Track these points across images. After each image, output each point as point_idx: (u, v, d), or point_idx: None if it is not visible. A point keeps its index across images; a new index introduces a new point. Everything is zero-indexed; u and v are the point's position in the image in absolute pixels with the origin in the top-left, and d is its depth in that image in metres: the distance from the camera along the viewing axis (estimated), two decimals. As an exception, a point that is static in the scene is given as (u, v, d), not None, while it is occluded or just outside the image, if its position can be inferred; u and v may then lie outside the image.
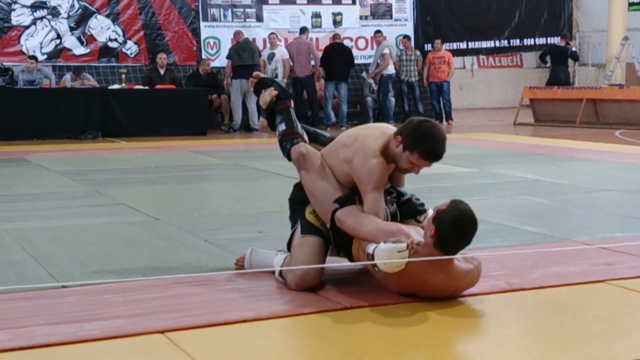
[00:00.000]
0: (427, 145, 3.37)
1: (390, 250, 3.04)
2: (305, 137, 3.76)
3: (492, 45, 16.84)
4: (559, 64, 16.12)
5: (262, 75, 4.04)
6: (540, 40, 16.90)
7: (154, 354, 2.75)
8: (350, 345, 2.83)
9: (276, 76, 14.14)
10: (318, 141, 3.85)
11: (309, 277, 3.45)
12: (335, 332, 2.98)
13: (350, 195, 3.50)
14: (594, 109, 14.71)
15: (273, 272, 3.65)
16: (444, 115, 15.59)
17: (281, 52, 14.25)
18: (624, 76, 17.18)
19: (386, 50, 14.81)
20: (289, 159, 3.71)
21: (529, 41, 16.83)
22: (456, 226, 3.10)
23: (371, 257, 3.10)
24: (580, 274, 3.78)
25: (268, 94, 3.85)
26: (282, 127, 3.77)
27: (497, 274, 3.73)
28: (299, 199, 3.70)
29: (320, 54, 14.76)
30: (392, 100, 15.02)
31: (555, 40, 16.81)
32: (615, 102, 14.35)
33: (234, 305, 3.29)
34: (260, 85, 3.92)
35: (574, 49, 16.11)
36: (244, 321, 3.08)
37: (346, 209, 3.44)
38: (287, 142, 3.71)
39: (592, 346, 2.78)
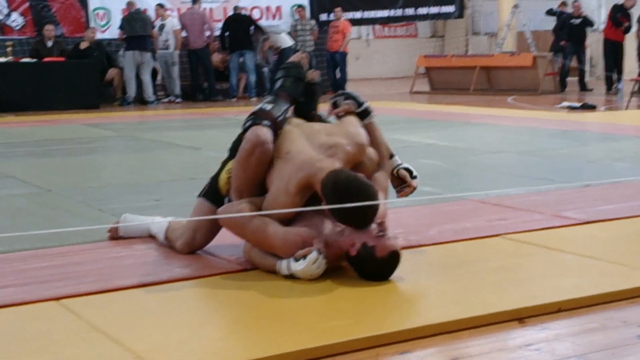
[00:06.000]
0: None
1: (306, 267, 2.98)
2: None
3: (387, 14, 16.94)
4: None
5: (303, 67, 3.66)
6: (434, 10, 17.09)
7: (49, 320, 2.65)
8: (253, 304, 2.80)
9: (167, 47, 13.87)
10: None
11: (195, 243, 3.45)
12: (238, 292, 2.93)
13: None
14: (487, 76, 15.06)
15: (150, 236, 3.68)
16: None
17: (171, 23, 13.98)
18: (515, 44, 17.62)
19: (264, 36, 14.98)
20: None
21: (422, 10, 16.99)
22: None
23: (289, 276, 3.03)
24: (476, 229, 3.85)
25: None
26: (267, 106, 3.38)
27: (395, 233, 3.75)
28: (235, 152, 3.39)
29: (215, 24, 14.58)
30: None
31: (450, 9, 17.01)
32: (507, 69, 14.73)
33: (131, 271, 3.20)
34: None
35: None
36: (142, 285, 3.00)
37: (239, 209, 3.14)
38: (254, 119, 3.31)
39: (488, 296, 2.82)
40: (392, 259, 3.00)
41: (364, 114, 3.47)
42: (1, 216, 4.45)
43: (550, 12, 15.67)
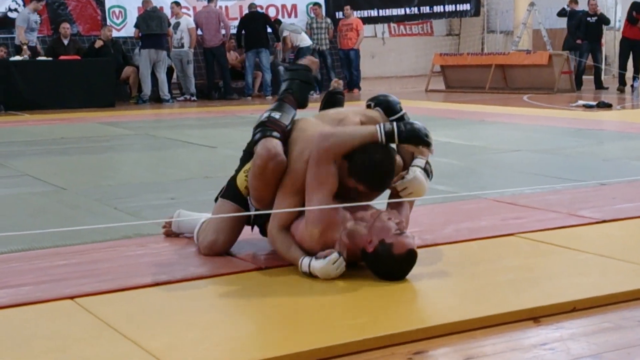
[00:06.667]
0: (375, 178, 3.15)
1: (325, 266, 3.00)
2: None
3: (403, 12, 16.92)
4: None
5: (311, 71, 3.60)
6: (450, 8, 17.06)
7: (64, 318, 2.67)
8: (268, 303, 2.81)
9: (182, 46, 13.91)
10: None
11: (217, 245, 3.40)
12: (253, 291, 2.94)
13: None
14: (502, 74, 15.00)
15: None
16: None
17: (186, 21, 14.00)
18: (530, 42, 17.58)
19: (285, 34, 14.84)
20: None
21: (438, 8, 16.97)
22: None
23: (308, 274, 3.05)
24: (491, 228, 3.84)
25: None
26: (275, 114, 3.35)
27: (410, 231, 3.75)
28: (250, 152, 3.40)
29: (230, 22, 14.61)
30: None
31: (466, 6, 16.98)
32: (522, 67, 14.66)
33: (147, 269, 3.22)
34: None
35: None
36: (158, 284, 3.01)
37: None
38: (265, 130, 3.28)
39: (504, 294, 2.82)
40: (409, 258, 3.00)
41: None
42: (19, 214, 4.48)
43: (561, 13, 15.58)
